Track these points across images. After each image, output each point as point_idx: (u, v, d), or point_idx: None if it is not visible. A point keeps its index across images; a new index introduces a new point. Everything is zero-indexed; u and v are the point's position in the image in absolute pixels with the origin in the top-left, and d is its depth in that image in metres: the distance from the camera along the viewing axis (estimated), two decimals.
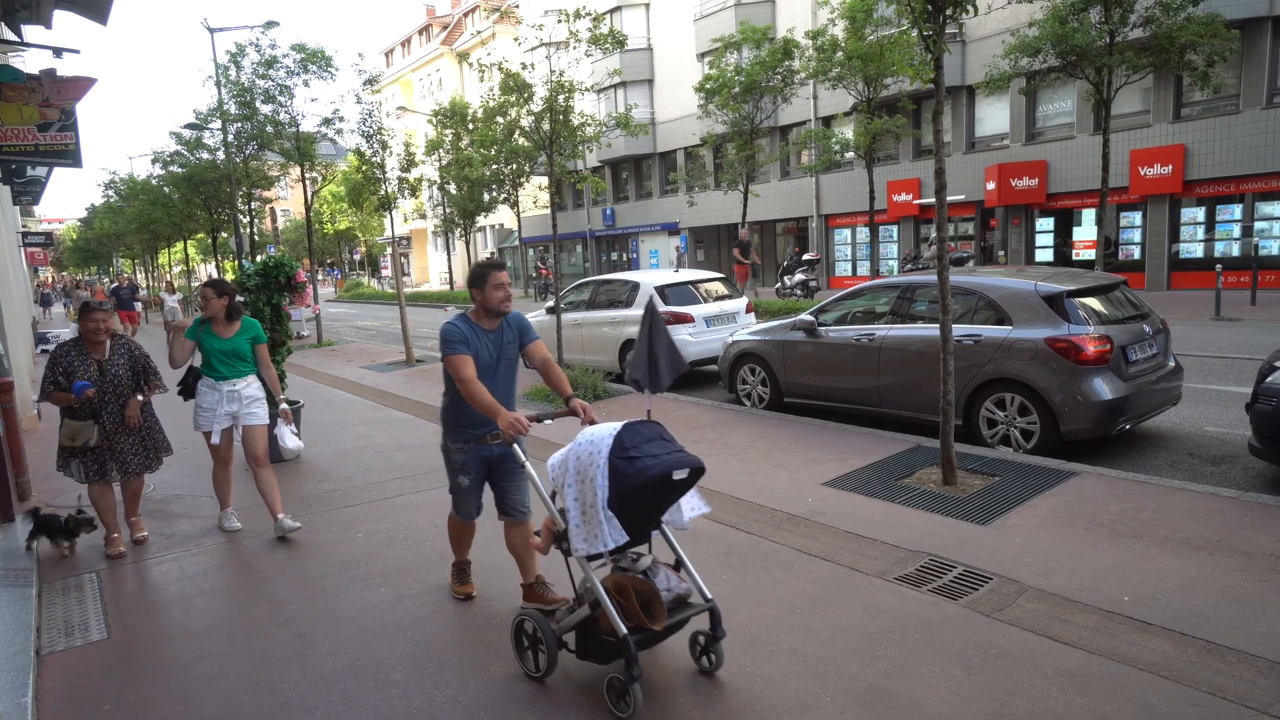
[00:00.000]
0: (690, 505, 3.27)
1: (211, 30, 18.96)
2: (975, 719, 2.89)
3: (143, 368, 5.07)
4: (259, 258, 7.71)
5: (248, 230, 21.97)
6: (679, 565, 3.26)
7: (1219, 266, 14.19)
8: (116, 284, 23.42)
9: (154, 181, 27.26)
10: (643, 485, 2.83)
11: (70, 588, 4.58)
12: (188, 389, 5.31)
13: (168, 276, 29.56)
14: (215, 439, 5.23)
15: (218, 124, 18.96)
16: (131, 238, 34.50)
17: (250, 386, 5.30)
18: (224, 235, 27.86)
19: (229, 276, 20.08)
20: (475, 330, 3.66)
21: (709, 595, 3.17)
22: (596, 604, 2.99)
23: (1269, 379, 5.13)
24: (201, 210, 24.45)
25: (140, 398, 5.00)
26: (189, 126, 20.78)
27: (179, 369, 5.24)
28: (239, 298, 7.07)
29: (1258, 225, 17.22)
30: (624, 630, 2.88)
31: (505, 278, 3.67)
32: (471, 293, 3.69)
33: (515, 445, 3.43)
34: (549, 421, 3.69)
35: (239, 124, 17.57)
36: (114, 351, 4.96)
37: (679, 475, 2.89)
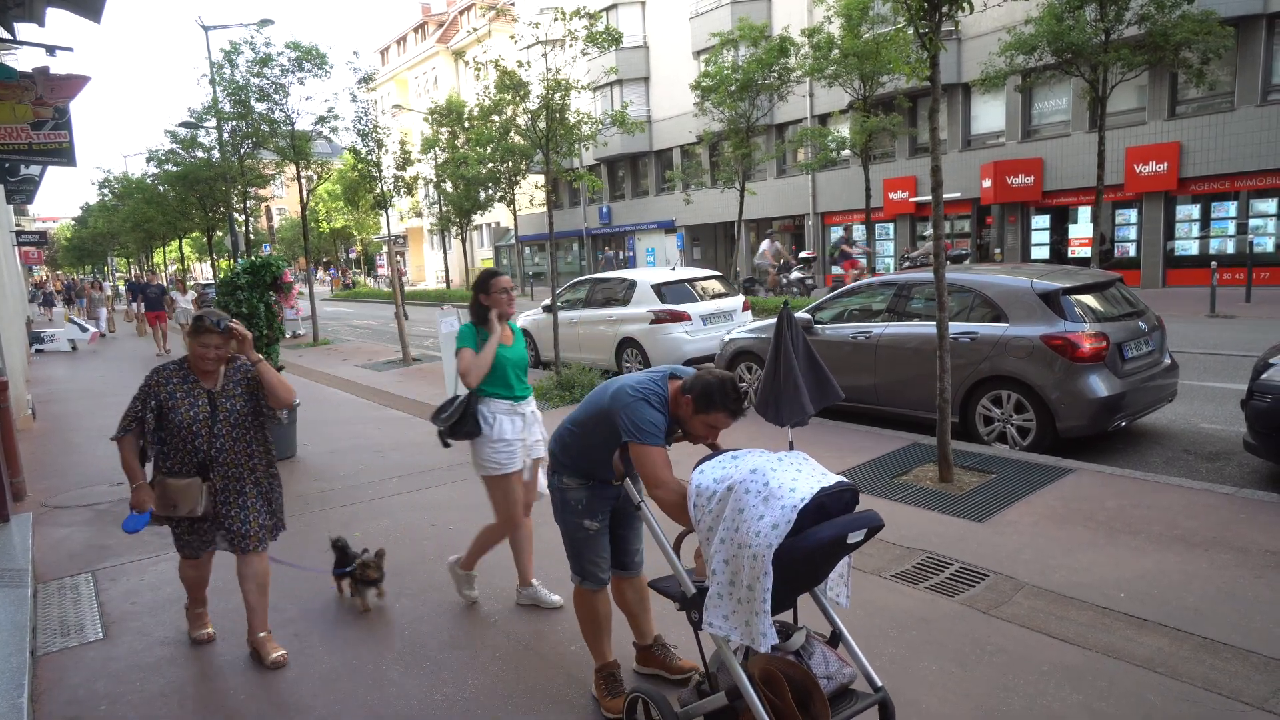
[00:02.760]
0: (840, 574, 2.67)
1: (206, 28, 18.92)
2: (972, 716, 2.90)
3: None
4: (252, 257, 7.71)
5: (243, 229, 21.91)
6: (835, 639, 2.64)
7: (1214, 264, 14.23)
8: (146, 281, 20.03)
9: (149, 180, 27.18)
10: (808, 553, 2.23)
11: (66, 588, 4.56)
12: (466, 421, 3.81)
13: (181, 275, 28.48)
14: (526, 475, 4.02)
15: (213, 122, 18.91)
16: (126, 237, 34.40)
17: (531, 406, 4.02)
18: (219, 234, 27.80)
19: (222, 275, 19.93)
20: (668, 421, 2.74)
21: (879, 682, 2.55)
22: (736, 694, 2.38)
23: (1263, 375, 5.14)
24: (197, 209, 24.38)
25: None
26: (184, 125, 20.72)
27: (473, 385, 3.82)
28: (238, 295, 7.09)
29: (1252, 223, 17.27)
30: None
31: (725, 422, 2.67)
32: (681, 406, 2.70)
33: (627, 481, 2.81)
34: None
35: (234, 122, 17.52)
36: (228, 379, 3.57)
37: (855, 538, 2.29)
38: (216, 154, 20.27)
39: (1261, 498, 4.78)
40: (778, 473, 2.31)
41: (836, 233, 25.97)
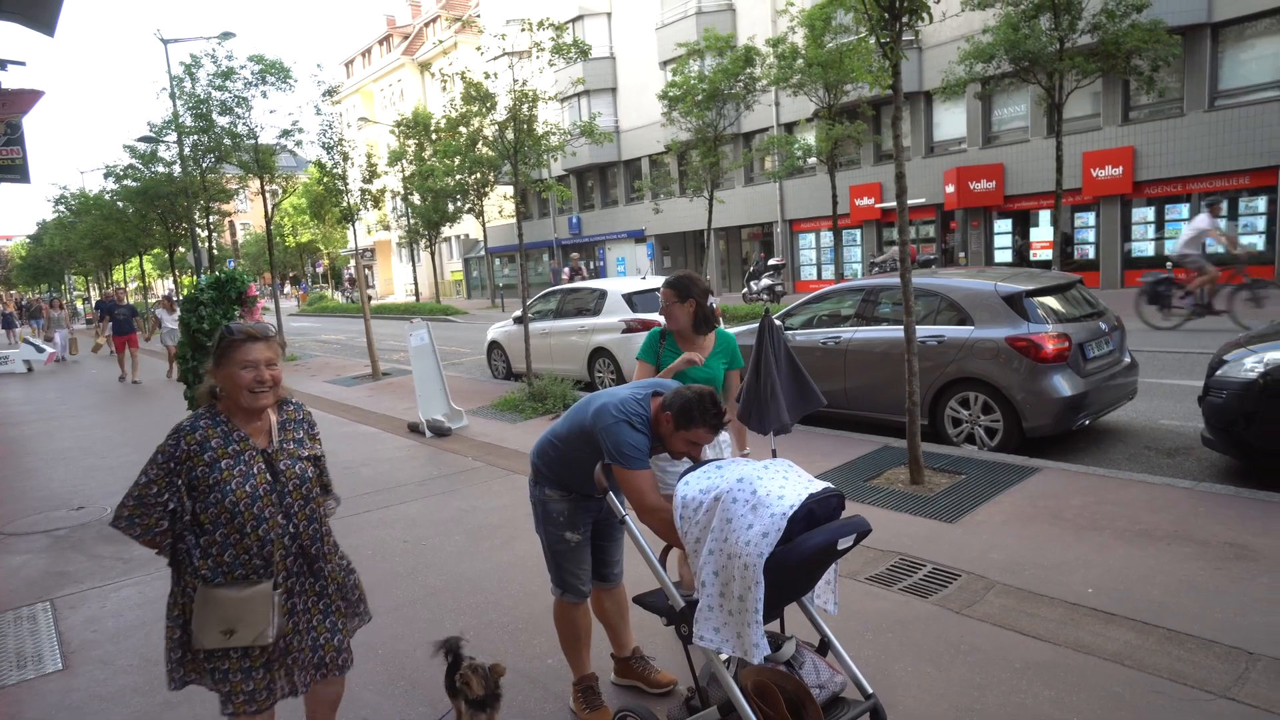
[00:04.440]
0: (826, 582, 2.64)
1: (165, 41, 18.60)
2: (948, 715, 2.93)
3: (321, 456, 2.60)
4: (216, 272, 7.57)
5: (206, 244, 21.55)
6: (825, 647, 2.62)
7: (1169, 264, 14.61)
8: (111, 301, 16.47)
9: (107, 196, 26.65)
10: (800, 562, 2.22)
11: (23, 618, 4.42)
12: None
13: (169, 290, 26.58)
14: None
15: (173, 137, 18.60)
16: (84, 254, 33.65)
17: (722, 434, 3.36)
18: (181, 250, 27.31)
19: (185, 293, 19.50)
20: (651, 441, 2.71)
21: (869, 689, 2.54)
22: (729, 708, 2.36)
23: (1218, 372, 5.28)
24: (158, 224, 23.95)
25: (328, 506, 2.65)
26: (143, 139, 20.34)
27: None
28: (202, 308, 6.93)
29: None
30: None
31: (706, 438, 2.64)
32: (661, 423, 2.66)
33: (610, 495, 2.71)
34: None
35: (195, 136, 17.25)
36: (287, 431, 2.46)
37: (844, 544, 2.27)
38: (178, 169, 19.92)
39: (1219, 491, 4.90)
40: (765, 481, 2.29)
41: (806, 240, 26.18)
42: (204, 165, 18.34)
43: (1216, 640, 3.24)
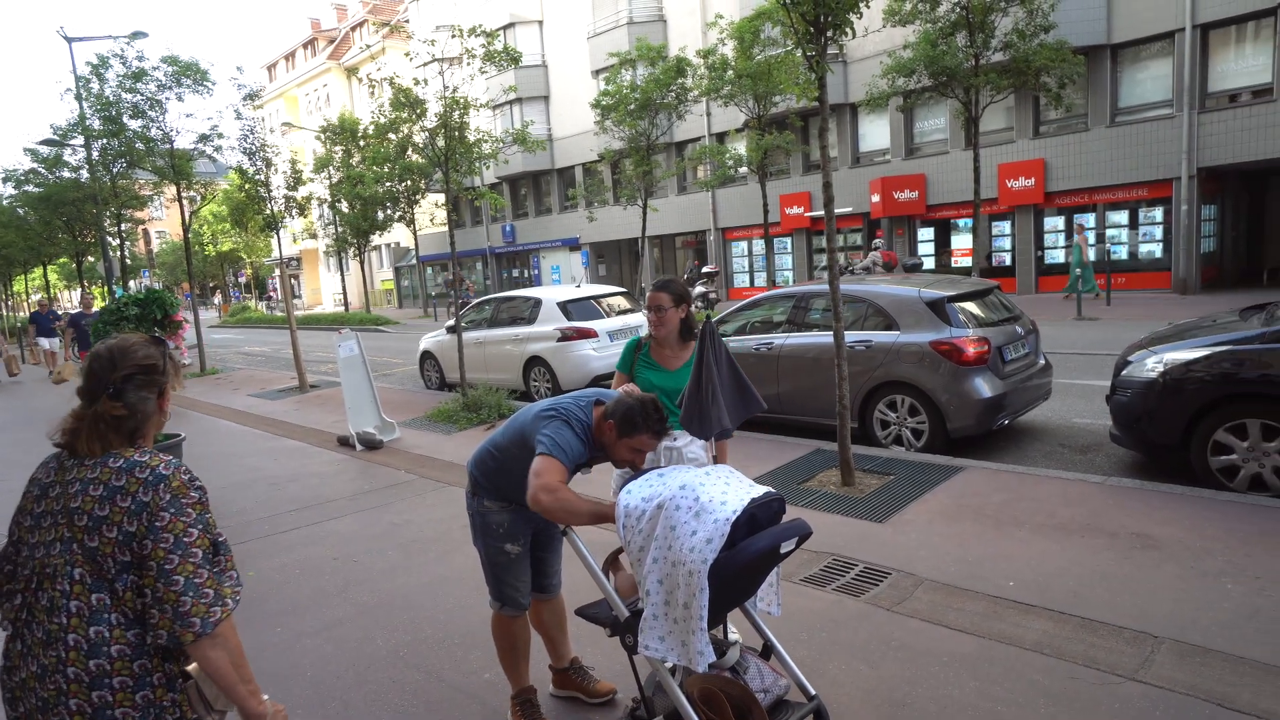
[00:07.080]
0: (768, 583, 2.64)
1: (69, 40, 17.65)
2: (880, 710, 3.01)
3: None
4: (132, 285, 7.18)
5: (117, 254, 20.48)
6: (768, 651, 2.67)
7: (1079, 270, 15.44)
8: (79, 310, 14.48)
9: (6, 202, 25.07)
10: (743, 566, 2.23)
11: None
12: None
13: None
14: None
15: (79, 140, 17.63)
16: None
17: (694, 445, 3.47)
18: (91, 259, 25.90)
19: (98, 304, 18.39)
20: (587, 450, 2.69)
21: (812, 690, 2.61)
22: (675, 717, 2.39)
23: (1123, 372, 5.60)
24: (64, 233, 22.63)
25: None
26: (46, 143, 19.23)
27: None
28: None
29: (1109, 233, 18.86)
30: None
31: (650, 444, 2.68)
32: (604, 432, 2.68)
33: None
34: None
35: (104, 140, 16.40)
36: None
37: (786, 548, 2.30)
38: (85, 174, 18.90)
39: (1127, 485, 5.19)
40: (707, 487, 2.30)
41: (739, 247, 26.60)
42: (114, 170, 17.45)
43: (1126, 626, 3.43)
